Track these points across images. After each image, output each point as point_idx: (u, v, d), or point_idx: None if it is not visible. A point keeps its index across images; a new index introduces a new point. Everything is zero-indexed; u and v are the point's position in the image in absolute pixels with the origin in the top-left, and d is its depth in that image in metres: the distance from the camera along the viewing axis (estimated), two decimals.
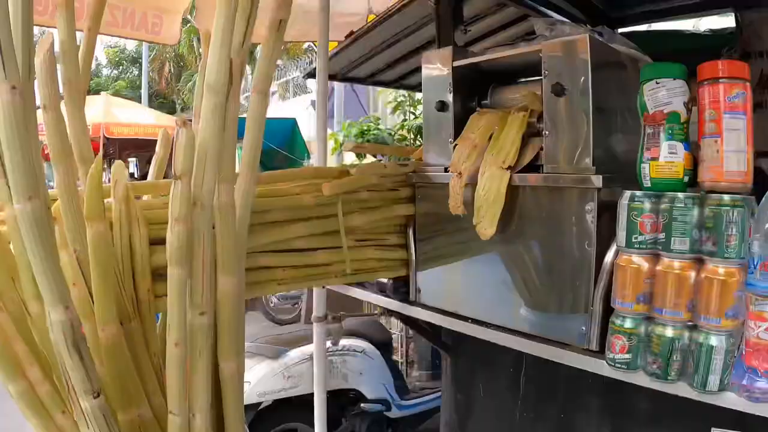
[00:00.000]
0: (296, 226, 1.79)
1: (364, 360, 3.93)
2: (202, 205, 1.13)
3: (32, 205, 0.98)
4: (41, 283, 1.02)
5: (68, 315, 1.03)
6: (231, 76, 1.13)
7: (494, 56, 1.97)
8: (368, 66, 3.75)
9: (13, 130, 0.95)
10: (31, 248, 1.00)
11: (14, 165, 0.98)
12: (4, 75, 0.93)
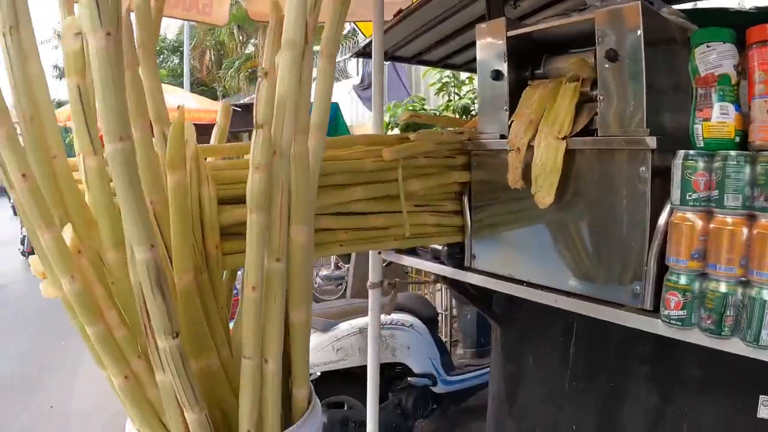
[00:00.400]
0: (357, 189, 1.84)
1: (412, 334, 4.01)
2: (281, 154, 1.18)
3: (123, 145, 1.04)
4: (128, 222, 1.08)
5: (153, 254, 1.09)
6: (306, 35, 1.19)
7: (547, 26, 2.00)
8: (414, 45, 3.76)
9: (107, 74, 1.01)
10: (121, 186, 1.06)
11: (107, 107, 1.04)
12: (99, 22, 0.99)
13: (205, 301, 1.40)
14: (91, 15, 1.00)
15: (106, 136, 1.04)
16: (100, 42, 1.00)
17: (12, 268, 12.84)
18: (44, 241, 1.17)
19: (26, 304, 9.62)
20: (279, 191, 1.20)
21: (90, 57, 1.02)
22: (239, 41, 21.68)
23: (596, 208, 1.79)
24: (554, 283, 1.92)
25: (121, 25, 1.05)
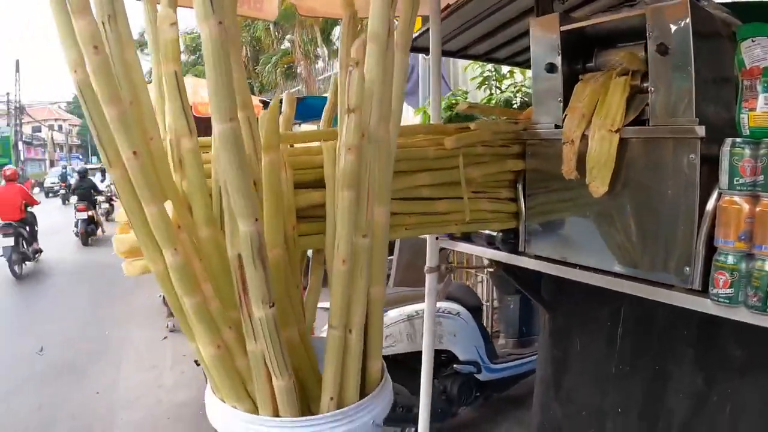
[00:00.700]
0: (422, 176, 1.95)
1: (459, 322, 4.11)
2: (369, 137, 1.30)
3: (232, 125, 1.15)
4: (235, 197, 1.18)
5: (257, 227, 1.19)
6: (390, 26, 1.31)
7: (599, 20, 2.08)
8: (459, 40, 3.82)
9: (219, 59, 1.12)
10: (229, 163, 1.16)
11: (218, 89, 1.14)
12: (212, 11, 1.10)
13: (285, 278, 1.52)
14: (204, 4, 1.11)
15: (216, 116, 1.14)
16: (213, 29, 1.11)
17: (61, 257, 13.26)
18: (150, 214, 1.28)
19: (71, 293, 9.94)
20: (366, 172, 1.31)
21: (203, 43, 1.13)
22: (275, 37, 21.87)
23: (647, 195, 1.88)
24: (606, 266, 2.00)
25: (230, 15, 1.16)
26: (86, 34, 1.18)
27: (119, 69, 1.30)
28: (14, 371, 6.36)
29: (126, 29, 1.35)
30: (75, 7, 1.17)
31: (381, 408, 1.51)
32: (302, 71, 19.77)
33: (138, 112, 1.35)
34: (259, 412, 1.42)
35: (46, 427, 5.05)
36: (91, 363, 6.58)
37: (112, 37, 1.28)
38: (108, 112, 1.21)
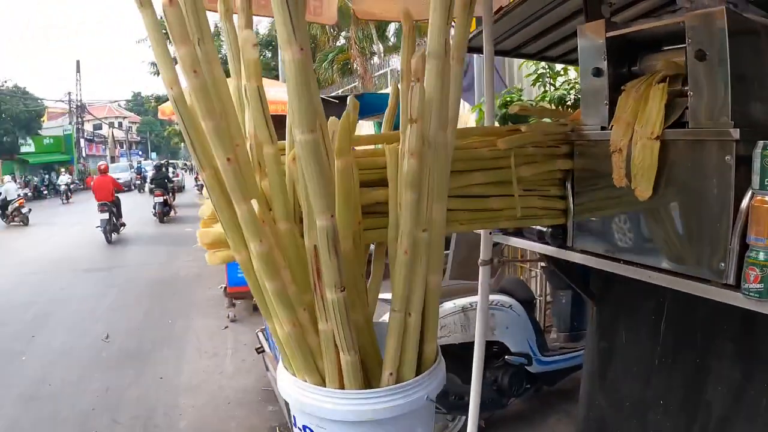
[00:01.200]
0: (476, 175, 2.10)
1: (511, 315, 4.22)
2: (429, 144, 1.46)
3: (313, 136, 1.34)
4: (314, 195, 1.37)
5: (332, 221, 1.38)
6: (447, 46, 1.47)
7: (643, 27, 2.19)
8: (513, 39, 3.91)
9: (302, 79, 1.31)
10: (309, 168, 1.36)
11: (301, 105, 1.32)
12: (295, 39, 1.28)
13: (353, 267, 1.70)
14: (287, 32, 1.29)
15: (298, 128, 1.34)
16: (296, 55, 1.29)
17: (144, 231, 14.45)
18: (241, 211, 1.49)
19: (137, 284, 10.40)
20: (427, 174, 1.48)
21: (286, 66, 1.31)
22: (331, 34, 22.10)
23: (686, 194, 1.98)
24: (648, 261, 2.11)
25: (308, 39, 1.34)
26: (187, 60, 1.40)
27: (210, 86, 1.50)
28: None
29: (212, 48, 1.56)
30: (177, 37, 1.38)
31: (435, 385, 1.68)
32: (358, 67, 19.93)
33: (225, 122, 1.55)
34: (327, 385, 1.62)
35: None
36: (156, 350, 6.97)
37: (202, 57, 1.48)
38: (205, 125, 1.43)
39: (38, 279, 11.54)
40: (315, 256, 1.43)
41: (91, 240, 15.96)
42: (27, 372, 6.46)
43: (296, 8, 1.28)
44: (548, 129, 2.34)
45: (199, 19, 1.48)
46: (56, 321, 8.48)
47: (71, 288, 10.59)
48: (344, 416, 1.59)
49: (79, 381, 6.09)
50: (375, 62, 20.15)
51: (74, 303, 9.46)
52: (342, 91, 18.82)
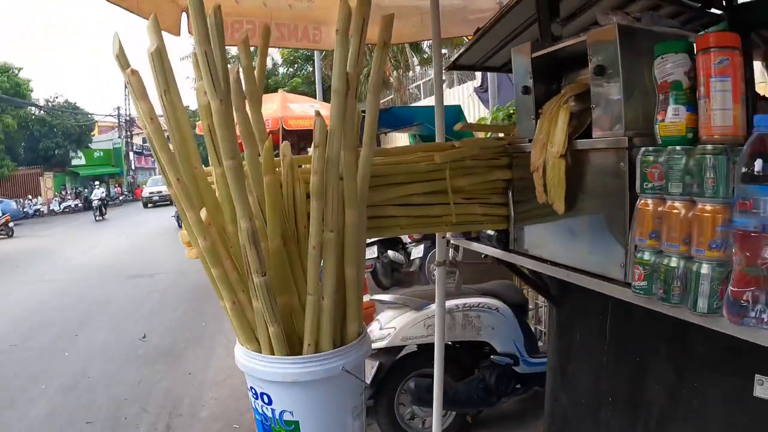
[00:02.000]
0: (414, 186, 2.40)
1: (497, 317, 4.42)
2: (331, 163, 1.83)
3: (233, 162, 1.76)
4: (237, 205, 1.78)
5: (251, 223, 1.78)
6: (347, 83, 1.81)
7: (561, 46, 2.33)
8: (501, 55, 4.02)
9: (223, 123, 1.75)
10: (233, 187, 1.77)
11: (224, 142, 1.76)
12: (215, 94, 1.70)
13: (293, 263, 2.07)
14: (209, 88, 1.74)
15: (224, 154, 1.74)
16: (216, 105, 1.75)
17: (166, 258, 14.60)
18: (189, 217, 1.91)
19: (176, 290, 10.92)
20: (330, 188, 1.84)
21: (213, 112, 1.73)
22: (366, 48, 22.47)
23: (593, 199, 2.14)
24: (569, 262, 2.28)
25: (229, 94, 1.72)
26: (146, 111, 1.88)
27: (173, 124, 1.94)
28: None
29: (177, 97, 1.97)
30: (138, 94, 1.87)
31: (352, 358, 2.03)
32: (393, 80, 20.25)
33: (186, 152, 1.98)
34: (261, 351, 2.01)
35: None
36: (187, 349, 7.45)
37: (168, 103, 1.91)
38: (161, 156, 1.89)
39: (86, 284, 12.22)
40: (246, 249, 1.78)
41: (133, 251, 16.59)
42: (68, 366, 7.05)
43: (216, 69, 1.72)
44: (485, 143, 2.62)
45: (165, 75, 1.89)
46: (99, 322, 9.09)
47: (115, 292, 11.23)
48: (273, 377, 1.98)
49: (114, 375, 6.64)
50: (409, 75, 20.43)
51: (117, 306, 10.06)
52: None
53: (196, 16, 1.71)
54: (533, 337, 4.73)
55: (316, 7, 4.13)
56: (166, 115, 1.92)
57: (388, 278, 9.54)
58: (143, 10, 3.19)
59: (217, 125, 1.74)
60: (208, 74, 1.71)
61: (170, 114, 1.91)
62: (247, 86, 2.05)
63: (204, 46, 1.72)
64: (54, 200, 40.61)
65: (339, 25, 1.87)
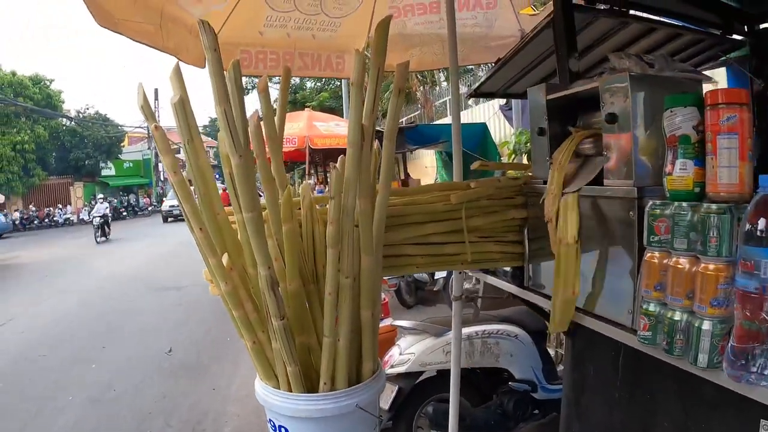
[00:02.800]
0: (430, 225, 2.47)
1: (516, 344, 4.43)
2: (346, 213, 1.91)
3: (253, 215, 1.86)
4: (257, 255, 1.88)
5: (270, 271, 1.87)
6: (363, 134, 1.88)
7: (571, 91, 2.37)
8: (523, 83, 4.17)
9: (243, 177, 1.85)
10: (252, 238, 1.87)
11: (244, 195, 1.85)
12: (234, 150, 1.81)
13: (312, 303, 2.16)
14: (228, 144, 1.84)
15: (244, 207, 1.83)
16: (236, 160, 1.84)
17: (191, 271, 14.80)
18: (211, 263, 2.02)
19: (201, 303, 11.06)
20: (346, 236, 1.91)
21: (233, 167, 1.84)
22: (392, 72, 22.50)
23: (604, 245, 2.15)
24: (580, 303, 2.31)
25: (249, 149, 1.83)
26: (169, 165, 2.00)
27: (196, 171, 2.04)
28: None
29: (200, 144, 2.08)
30: (161, 149, 2.01)
31: (366, 396, 2.11)
32: (419, 96, 20.31)
33: (208, 199, 2.08)
34: (280, 388, 2.11)
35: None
36: (212, 364, 7.56)
37: (191, 152, 2.03)
38: (184, 206, 2.00)
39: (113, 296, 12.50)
40: (265, 294, 1.88)
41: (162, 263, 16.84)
42: (95, 378, 7.21)
43: (236, 126, 1.81)
44: (500, 183, 2.66)
45: (188, 124, 1.99)
46: (125, 334, 9.26)
47: (142, 305, 11.44)
48: (290, 413, 2.09)
49: (140, 388, 6.77)
50: (436, 90, 20.47)
51: (143, 318, 10.24)
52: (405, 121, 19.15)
53: (214, 75, 1.81)
54: (552, 364, 4.72)
55: (338, 37, 4.24)
56: (189, 163, 2.02)
57: (411, 297, 9.59)
58: (169, 48, 3.30)
59: (237, 179, 1.85)
60: (228, 131, 1.80)
61: (193, 162, 2.02)
62: (267, 132, 2.13)
63: (223, 104, 1.82)
64: (84, 210, 41.25)
65: (353, 77, 1.95)
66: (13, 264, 19.79)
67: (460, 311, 3.38)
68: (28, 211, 38.77)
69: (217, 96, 1.81)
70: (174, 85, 1.98)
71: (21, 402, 6.52)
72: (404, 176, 13.90)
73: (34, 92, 39.65)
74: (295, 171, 32.43)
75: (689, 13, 3.30)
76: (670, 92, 1.90)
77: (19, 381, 7.28)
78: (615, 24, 3.40)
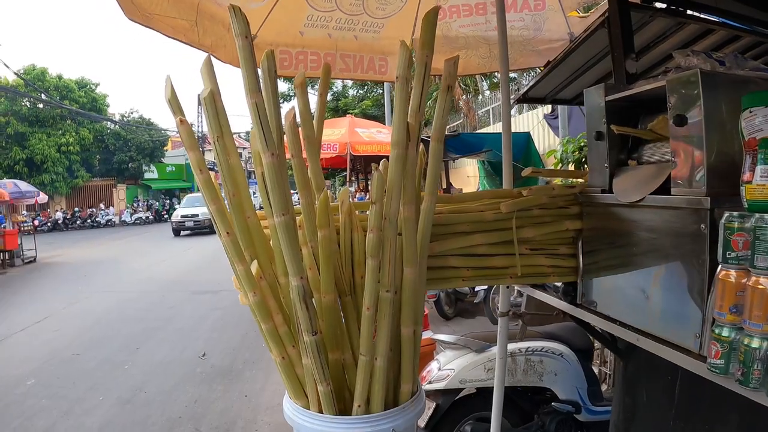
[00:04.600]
0: (478, 236, 2.29)
1: (561, 362, 4.24)
2: (389, 220, 1.72)
3: (285, 219, 1.67)
4: (288, 262, 1.69)
5: (302, 282, 1.69)
6: (408, 134, 1.71)
7: (637, 90, 2.17)
8: (573, 88, 4.05)
9: (274, 177, 1.66)
10: (284, 244, 1.68)
11: (275, 197, 1.66)
12: (266, 147, 1.63)
13: (347, 316, 1.97)
14: (260, 140, 1.66)
15: (274, 211, 1.68)
16: (267, 159, 1.66)
17: (226, 276, 14.81)
18: (239, 271, 1.85)
19: (239, 308, 11.03)
20: (388, 245, 1.73)
21: (264, 166, 1.68)
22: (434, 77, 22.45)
23: (670, 260, 1.97)
24: (639, 324, 2.13)
25: (282, 146, 1.65)
26: (194, 162, 1.83)
27: (226, 171, 1.89)
28: None
29: (231, 142, 1.92)
30: (187, 145, 1.85)
31: (402, 420, 1.92)
32: (462, 105, 20.19)
33: (239, 200, 1.91)
34: (309, 408, 1.92)
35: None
36: (246, 370, 7.47)
37: (221, 149, 1.87)
38: (210, 207, 1.84)
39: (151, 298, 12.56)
40: (296, 306, 1.71)
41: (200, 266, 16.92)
42: (127, 379, 7.19)
43: (268, 121, 1.64)
44: (554, 192, 2.46)
45: (218, 120, 1.83)
46: (160, 336, 9.25)
47: (178, 308, 11.45)
48: None
49: (171, 391, 6.72)
50: (479, 99, 20.36)
51: (179, 322, 10.22)
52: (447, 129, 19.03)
53: (245, 63, 1.64)
54: (597, 384, 4.50)
55: (382, 38, 4.10)
56: (219, 160, 1.87)
57: (451, 308, 9.48)
58: (205, 45, 3.22)
59: (269, 179, 1.67)
60: (259, 125, 1.63)
61: (222, 160, 1.86)
62: (304, 132, 1.99)
63: (254, 96, 1.65)
64: (125, 212, 42.07)
65: (399, 71, 1.77)
66: (54, 262, 20.15)
67: (506, 328, 3.20)
68: (71, 211, 39.53)
69: (247, 86, 1.65)
70: (205, 78, 1.83)
71: (51, 400, 6.54)
72: (446, 185, 13.74)
73: (79, 95, 40.91)
74: (336, 178, 32.49)
75: (750, 15, 3.14)
76: (744, 92, 1.71)
77: (50, 379, 7.32)
78: (671, 24, 3.29)
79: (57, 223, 37.72)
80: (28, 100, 38.64)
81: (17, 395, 6.76)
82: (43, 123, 38.77)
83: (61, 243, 27.14)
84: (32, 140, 37.82)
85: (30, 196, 22.65)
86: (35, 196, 22.98)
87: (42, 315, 11.09)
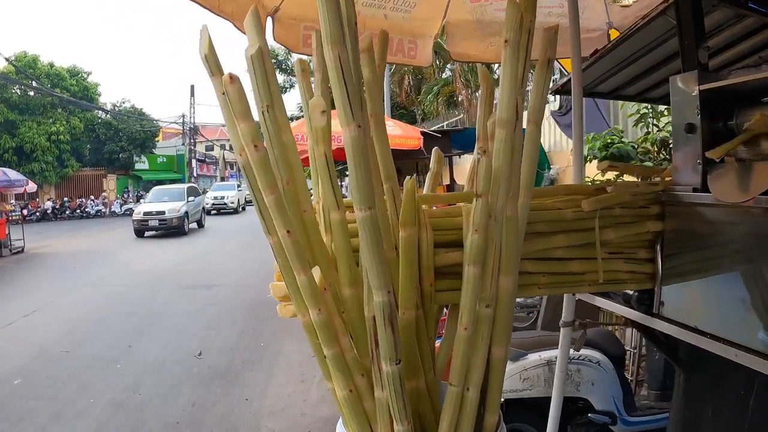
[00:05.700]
0: (557, 237, 1.98)
1: (598, 371, 4.03)
2: (495, 218, 1.40)
3: (371, 213, 1.30)
4: (371, 272, 1.33)
5: (389, 297, 1.33)
6: (517, 112, 1.41)
7: (740, 80, 2.00)
8: (612, 81, 3.83)
9: (359, 157, 1.28)
10: (367, 244, 1.31)
11: (359, 183, 1.29)
12: (352, 117, 1.26)
13: (419, 332, 1.64)
14: (345, 111, 1.27)
15: (356, 204, 1.30)
16: (352, 132, 1.27)
17: (224, 269, 14.59)
18: (300, 281, 1.46)
19: (234, 304, 10.73)
20: (493, 249, 1.41)
21: (344, 143, 1.29)
22: (436, 66, 22.28)
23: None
24: (738, 338, 1.91)
25: (366, 116, 1.31)
26: (247, 135, 1.39)
27: (277, 150, 1.48)
28: None
29: (282, 115, 1.54)
30: (238, 113, 1.38)
31: None
32: (463, 100, 19.97)
33: (293, 189, 1.54)
34: None
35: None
36: (245, 371, 7.15)
37: (270, 123, 1.46)
38: (266, 197, 1.41)
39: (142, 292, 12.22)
40: (373, 326, 1.39)
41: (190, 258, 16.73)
42: (120, 380, 6.84)
43: (353, 88, 1.26)
44: (637, 189, 2.18)
45: (269, 86, 1.45)
46: (153, 333, 8.90)
47: (172, 303, 11.12)
48: None
49: (167, 394, 6.37)
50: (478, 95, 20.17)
51: (172, 318, 9.89)
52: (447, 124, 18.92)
53: (325, 4, 1.27)
54: (631, 393, 4.31)
55: (413, 18, 3.81)
56: (268, 138, 1.48)
57: None
58: (224, 11, 2.93)
59: (352, 160, 1.29)
60: (343, 87, 1.25)
61: (274, 137, 1.47)
62: (371, 107, 1.63)
63: (337, 48, 1.27)
64: (116, 202, 41.69)
65: (509, 33, 1.43)
66: (43, 253, 19.79)
67: (568, 338, 2.92)
68: (60, 201, 39.14)
69: (329, 36, 1.26)
70: (250, 31, 1.46)
71: (39, 401, 6.21)
72: (450, 181, 13.43)
73: (71, 84, 40.67)
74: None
75: None
76: None
77: (38, 378, 6.98)
78: (730, 16, 3.08)
79: (46, 212, 37.31)
80: (19, 87, 38.31)
81: (2, 396, 6.43)
82: (34, 111, 38.36)
83: (50, 233, 26.61)
84: (22, 128, 37.39)
85: (19, 185, 22.18)
86: (24, 185, 22.50)
87: (30, 308, 10.71)
